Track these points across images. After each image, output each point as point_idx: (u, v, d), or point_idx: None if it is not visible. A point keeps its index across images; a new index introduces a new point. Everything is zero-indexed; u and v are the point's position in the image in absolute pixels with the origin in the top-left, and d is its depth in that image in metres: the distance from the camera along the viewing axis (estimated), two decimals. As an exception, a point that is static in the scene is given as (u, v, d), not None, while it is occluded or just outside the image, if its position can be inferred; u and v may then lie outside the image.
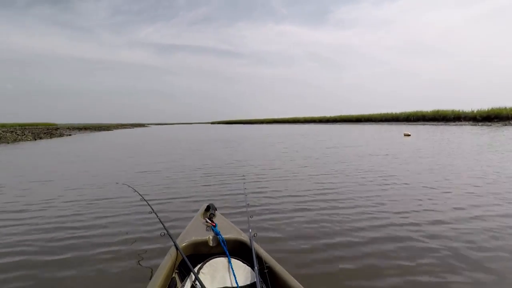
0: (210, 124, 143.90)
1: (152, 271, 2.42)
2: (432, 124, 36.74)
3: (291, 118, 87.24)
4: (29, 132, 25.34)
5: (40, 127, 50.07)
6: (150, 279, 1.71)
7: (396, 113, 48.42)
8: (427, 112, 42.76)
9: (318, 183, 5.61)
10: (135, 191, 3.44)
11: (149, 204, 2.88)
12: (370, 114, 55.38)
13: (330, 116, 68.91)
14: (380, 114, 51.85)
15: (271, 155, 10.17)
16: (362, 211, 3.83)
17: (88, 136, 28.67)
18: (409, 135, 17.70)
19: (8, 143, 18.34)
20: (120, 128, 61.28)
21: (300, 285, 1.58)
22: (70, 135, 29.48)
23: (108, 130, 47.23)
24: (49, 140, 22.22)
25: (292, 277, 1.65)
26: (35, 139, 21.57)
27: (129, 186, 3.85)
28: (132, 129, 61.86)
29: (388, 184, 5.29)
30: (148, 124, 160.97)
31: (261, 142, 16.00)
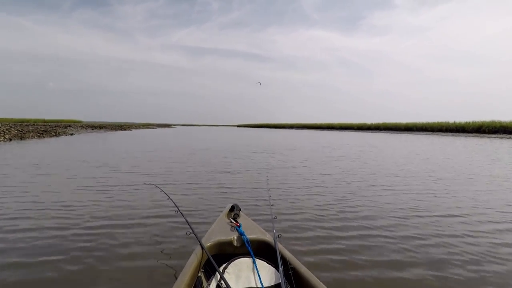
0: (236, 127, 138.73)
1: (178, 270, 2.33)
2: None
3: (324, 124, 79.42)
4: (17, 130, 20.67)
5: (59, 123, 47.37)
6: (176, 277, 1.70)
7: (461, 123, 39.90)
8: (506, 123, 34.21)
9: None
10: (162, 191, 3.45)
11: (175, 204, 2.89)
12: (423, 123, 46.98)
13: (372, 124, 60.64)
14: (440, 123, 43.42)
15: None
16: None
17: (91, 137, 23.70)
18: None
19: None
20: (142, 128, 57.46)
21: (325, 287, 1.53)
22: (72, 134, 24.70)
23: (125, 130, 42.81)
24: (33, 140, 17.29)
25: (317, 279, 1.61)
26: (11, 140, 16.57)
27: (156, 186, 3.87)
28: (154, 129, 57.85)
29: None
30: (175, 125, 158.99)
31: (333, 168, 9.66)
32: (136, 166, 8.01)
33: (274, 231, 2.10)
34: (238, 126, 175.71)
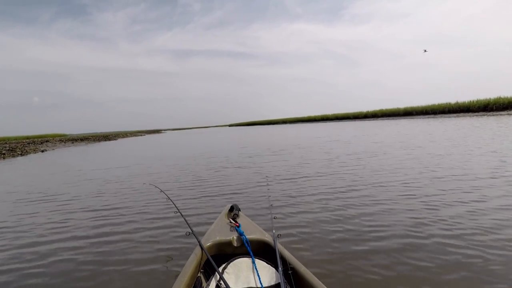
0: (228, 127, 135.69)
1: (177, 270, 2.31)
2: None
3: (318, 116, 77.38)
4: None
5: (37, 139, 44.22)
6: (176, 277, 1.69)
7: (464, 103, 37.89)
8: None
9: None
10: (162, 191, 3.43)
11: (174, 204, 2.87)
12: (424, 106, 44.94)
13: (368, 111, 58.47)
14: (441, 105, 41.33)
15: None
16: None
17: (65, 152, 20.87)
18: None
19: None
20: (130, 136, 54.36)
21: (325, 287, 1.51)
22: (44, 151, 21.81)
23: (110, 140, 39.77)
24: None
25: (317, 279, 1.58)
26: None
27: (155, 187, 3.84)
28: (143, 136, 54.84)
29: None
30: (165, 130, 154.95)
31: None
32: (95, 195, 5.43)
33: (274, 231, 2.08)
34: (230, 125, 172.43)
